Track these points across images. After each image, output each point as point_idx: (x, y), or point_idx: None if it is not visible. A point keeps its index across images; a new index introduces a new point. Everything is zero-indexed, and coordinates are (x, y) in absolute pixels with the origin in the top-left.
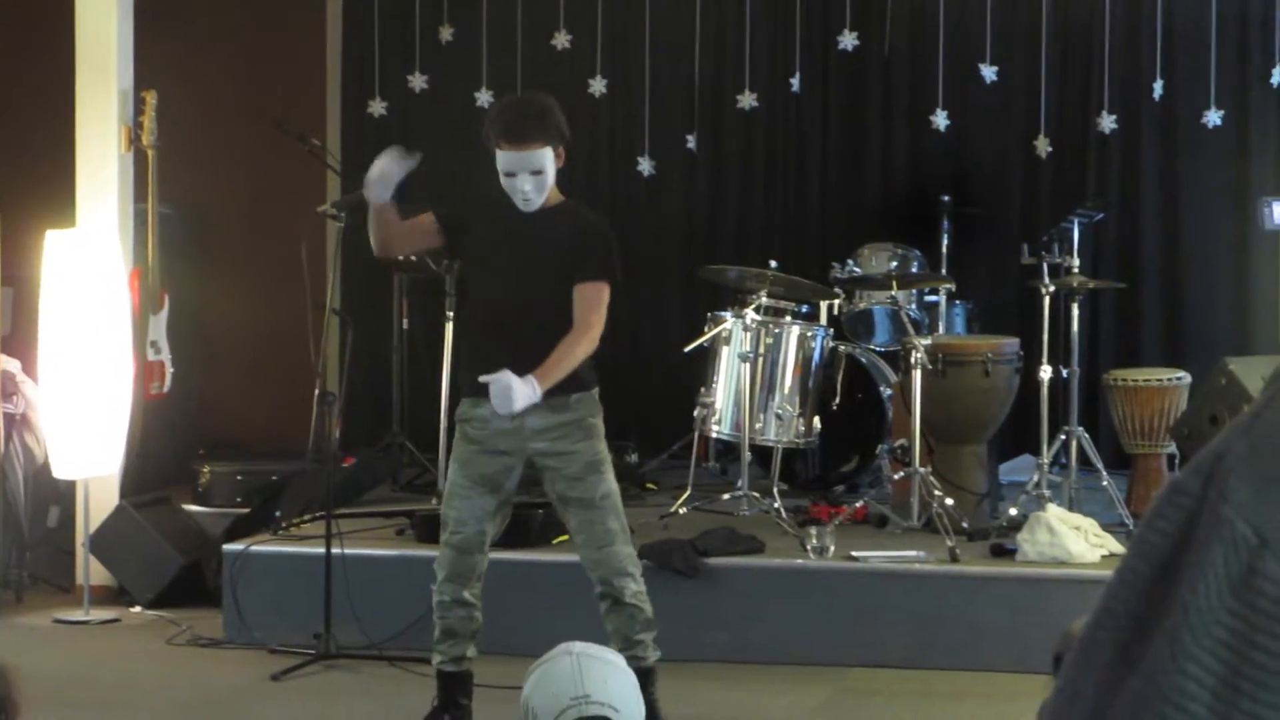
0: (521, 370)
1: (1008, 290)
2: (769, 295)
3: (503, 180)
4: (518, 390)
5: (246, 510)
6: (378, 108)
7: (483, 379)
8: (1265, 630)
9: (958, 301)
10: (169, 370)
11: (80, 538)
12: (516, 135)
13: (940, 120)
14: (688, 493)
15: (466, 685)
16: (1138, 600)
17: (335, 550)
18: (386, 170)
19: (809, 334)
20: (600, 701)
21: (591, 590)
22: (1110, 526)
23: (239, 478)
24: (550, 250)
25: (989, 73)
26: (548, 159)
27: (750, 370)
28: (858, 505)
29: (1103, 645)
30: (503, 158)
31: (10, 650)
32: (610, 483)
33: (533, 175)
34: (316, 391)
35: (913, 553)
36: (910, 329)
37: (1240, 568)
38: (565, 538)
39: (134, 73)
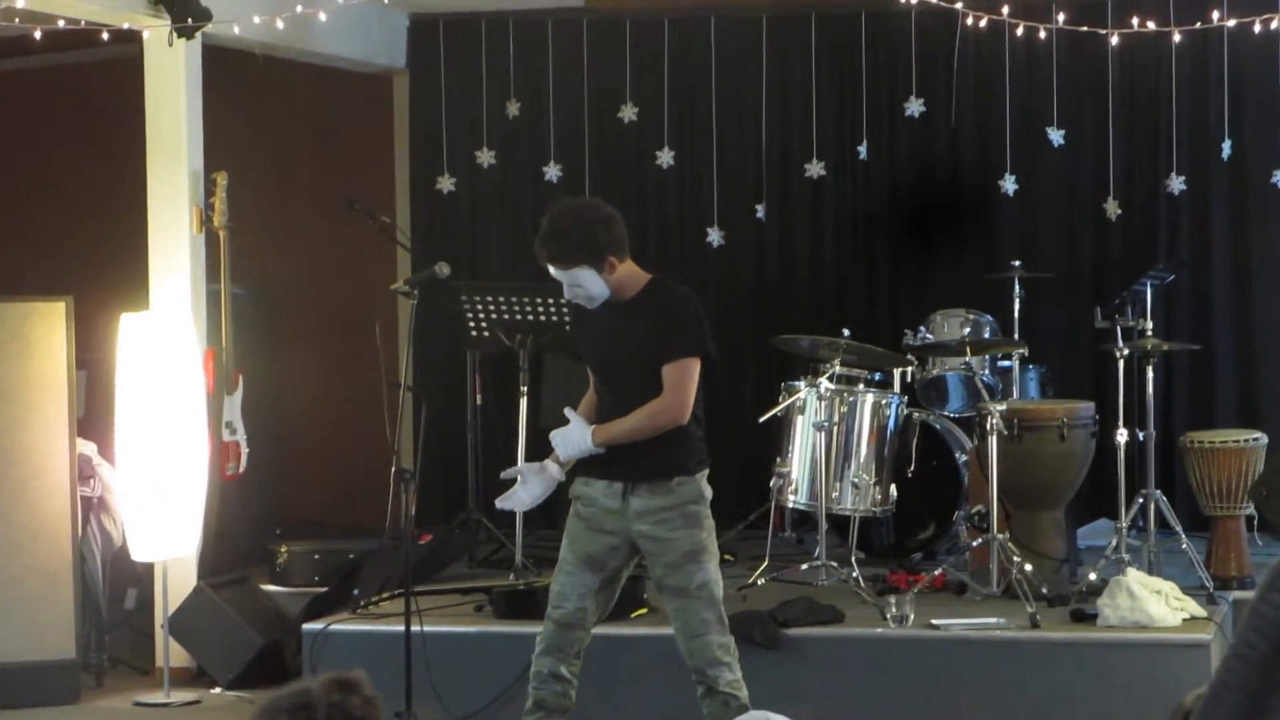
0: (628, 453)
1: (1081, 354)
2: (842, 363)
3: None
4: (568, 436)
5: (325, 589)
6: (446, 184)
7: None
8: None
9: (1031, 366)
10: (244, 450)
11: (159, 619)
12: (546, 255)
13: (1009, 185)
14: (765, 563)
15: None
16: (1255, 674)
17: (414, 628)
18: (538, 494)
19: (883, 402)
20: None
21: (670, 665)
22: (1190, 589)
23: (316, 557)
24: (632, 336)
25: (1056, 136)
26: (581, 276)
27: (825, 439)
28: (936, 573)
29: None
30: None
31: None
32: (709, 571)
33: (572, 287)
34: (392, 469)
35: (993, 620)
36: (985, 394)
37: None
38: (644, 611)
39: (204, 154)
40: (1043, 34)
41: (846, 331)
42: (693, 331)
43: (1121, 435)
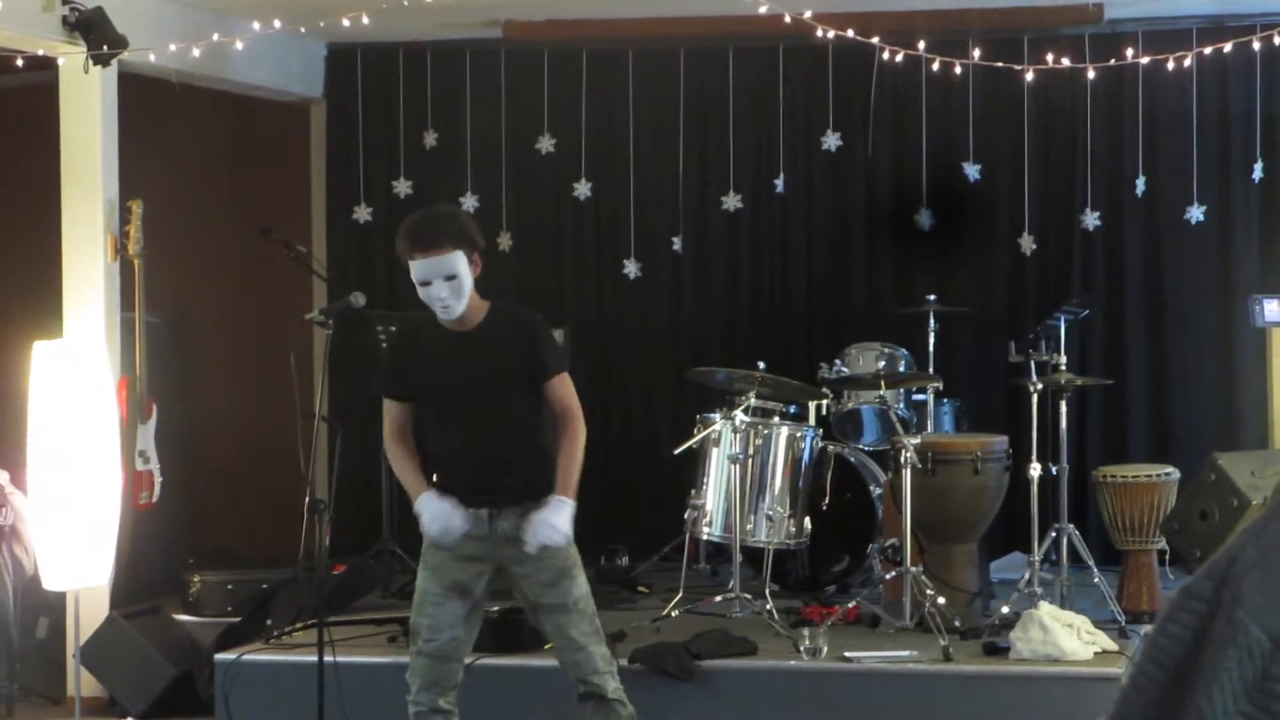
0: (495, 480)
1: (995, 388)
2: (757, 396)
3: (420, 292)
4: (549, 521)
5: (238, 619)
6: (363, 214)
7: (528, 548)
8: None
9: (945, 400)
10: (158, 480)
11: (71, 649)
12: (424, 241)
13: (925, 219)
14: (679, 595)
15: None
16: (1152, 706)
17: (328, 658)
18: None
19: (798, 434)
20: None
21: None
22: (1102, 623)
23: (230, 587)
24: (491, 361)
25: (972, 171)
26: (460, 263)
27: (740, 471)
28: (850, 605)
29: None
30: (415, 268)
31: None
32: (581, 584)
33: (447, 281)
34: (307, 499)
35: (906, 653)
36: (899, 428)
37: (1255, 672)
38: None
39: (120, 182)
40: (958, 69)
41: (762, 364)
42: (559, 347)
43: (1035, 469)
